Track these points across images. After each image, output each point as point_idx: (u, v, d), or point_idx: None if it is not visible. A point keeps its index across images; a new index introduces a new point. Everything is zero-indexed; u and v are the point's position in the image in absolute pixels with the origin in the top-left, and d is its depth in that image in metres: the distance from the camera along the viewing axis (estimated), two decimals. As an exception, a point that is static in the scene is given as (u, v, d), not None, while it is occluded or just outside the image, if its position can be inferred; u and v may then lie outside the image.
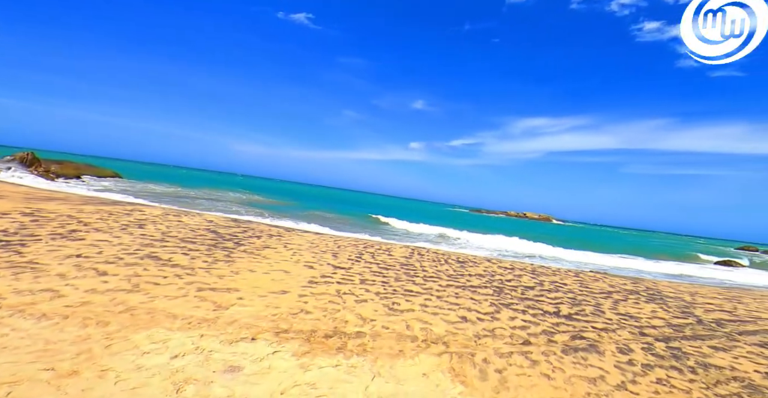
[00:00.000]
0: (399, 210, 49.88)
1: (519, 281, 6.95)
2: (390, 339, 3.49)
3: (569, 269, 10.13)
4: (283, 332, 3.23)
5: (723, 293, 7.80)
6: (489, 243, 18.56)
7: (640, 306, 5.95)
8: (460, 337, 3.75)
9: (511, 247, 17.98)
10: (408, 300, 4.74)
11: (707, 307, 6.27)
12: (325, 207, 28.63)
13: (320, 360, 2.87)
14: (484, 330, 4.04)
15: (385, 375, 2.81)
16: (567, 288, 6.83)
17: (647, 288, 7.60)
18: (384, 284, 5.35)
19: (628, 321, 4.97)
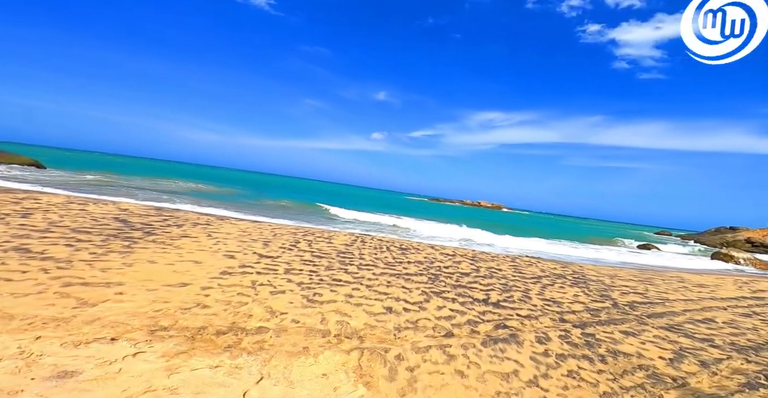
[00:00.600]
0: (357, 199, 49.40)
1: (457, 268, 6.85)
2: (297, 334, 3.08)
3: (507, 254, 10.34)
4: (161, 330, 2.70)
5: (638, 276, 8.35)
6: (441, 231, 18.75)
7: (564, 291, 6.08)
8: (378, 331, 3.44)
9: (460, 234, 18.32)
10: (333, 290, 4.35)
11: (623, 290, 6.60)
12: (277, 196, 27.28)
13: (196, 361, 2.39)
14: (407, 321, 3.77)
15: (275, 377, 2.41)
16: (501, 274, 6.85)
17: (574, 272, 7.90)
18: (312, 273, 4.91)
19: (552, 306, 4.99)
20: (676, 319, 5.00)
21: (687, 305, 5.91)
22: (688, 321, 4.95)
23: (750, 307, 6.11)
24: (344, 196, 51.04)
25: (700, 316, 5.28)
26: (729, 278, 9.61)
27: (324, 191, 56.53)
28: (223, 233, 6.62)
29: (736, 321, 5.09)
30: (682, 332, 4.39)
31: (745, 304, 6.29)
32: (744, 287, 8.29)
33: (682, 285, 7.62)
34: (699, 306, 5.86)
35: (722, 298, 6.67)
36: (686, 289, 7.26)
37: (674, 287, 7.41)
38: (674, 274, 9.40)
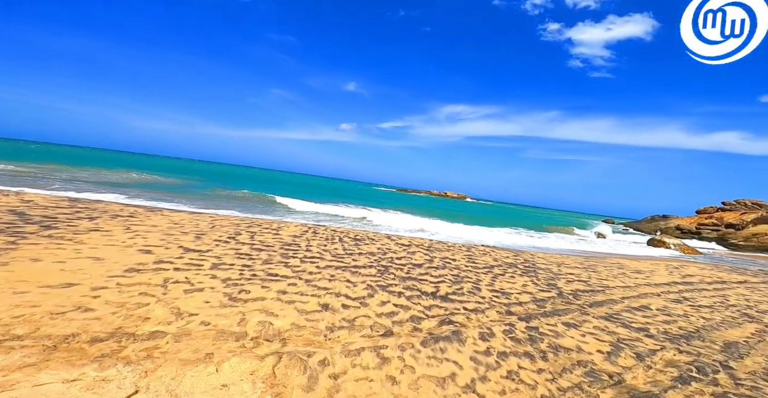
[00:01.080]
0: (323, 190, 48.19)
1: (410, 259, 6.58)
2: (203, 338, 2.61)
3: (464, 244, 10.29)
4: (12, 340, 2.12)
5: (583, 263, 8.61)
6: (403, 221, 18.59)
7: (514, 281, 6.02)
8: (307, 331, 3.03)
9: (421, 225, 18.27)
10: (265, 286, 3.87)
11: (569, 278, 6.69)
12: (236, 187, 25.54)
13: (47, 375, 1.88)
14: (343, 320, 3.40)
15: (155, 390, 1.94)
16: (455, 264, 6.68)
17: (525, 261, 7.96)
18: (245, 268, 4.38)
19: (500, 298, 4.85)
20: (615, 307, 5.06)
21: (625, 292, 6.07)
22: (626, 309, 5.02)
23: (680, 293, 6.41)
24: (310, 187, 49.68)
25: (637, 303, 5.40)
26: (662, 264, 10.23)
27: (288, 182, 54.64)
28: (147, 226, 5.84)
29: (669, 308, 5.25)
30: (620, 321, 4.40)
31: (676, 290, 6.61)
32: (674, 272, 8.83)
33: (621, 272, 7.92)
34: (636, 293, 6.04)
35: (656, 284, 6.97)
36: (625, 276, 7.54)
37: (614, 273, 7.68)
38: (615, 261, 9.84)
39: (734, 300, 6.14)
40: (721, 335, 4.33)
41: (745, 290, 7.27)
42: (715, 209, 52.36)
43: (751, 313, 5.40)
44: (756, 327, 4.73)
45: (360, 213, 18.87)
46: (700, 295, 6.35)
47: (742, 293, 6.89)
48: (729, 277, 9.02)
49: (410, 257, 6.69)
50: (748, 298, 6.41)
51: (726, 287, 7.34)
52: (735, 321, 4.91)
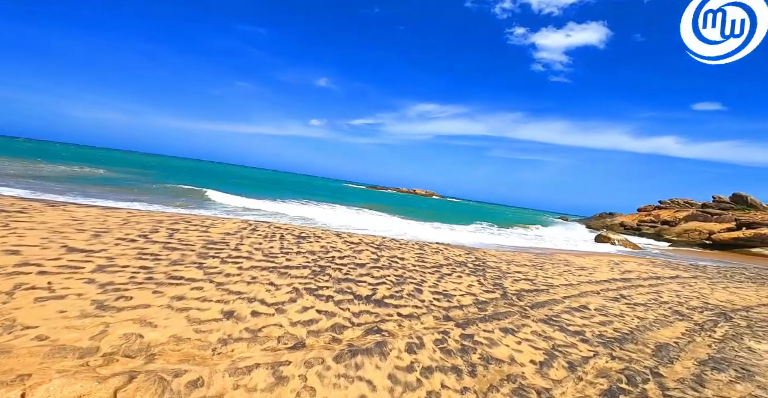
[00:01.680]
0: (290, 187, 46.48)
1: (354, 259, 6.10)
2: (29, 356, 2.02)
3: (418, 241, 9.99)
4: None
5: (532, 260, 8.60)
6: (363, 218, 18.10)
7: (461, 281, 5.74)
8: (190, 345, 2.46)
9: (384, 222, 17.88)
10: (159, 291, 3.23)
11: (516, 276, 6.54)
12: (184, 182, 23.46)
13: None
14: (246, 330, 2.85)
15: None
16: (402, 264, 6.30)
17: (476, 259, 7.77)
18: (142, 270, 3.69)
19: (441, 301, 4.50)
20: (556, 308, 4.89)
21: (567, 290, 6.00)
22: (566, 309, 4.87)
23: (618, 290, 6.46)
24: (274, 183, 47.77)
25: (577, 303, 5.30)
26: (605, 260, 10.56)
27: (251, 178, 52.13)
28: (33, 222, 4.92)
29: (606, 307, 5.19)
30: (558, 325, 4.21)
31: (614, 287, 6.67)
32: (615, 268, 9.08)
33: (566, 269, 7.96)
34: (577, 292, 5.98)
35: (597, 281, 7.03)
36: (570, 273, 7.57)
37: (560, 271, 7.69)
38: (562, 257, 9.99)
39: (667, 297, 6.27)
40: (653, 336, 4.26)
41: (677, 285, 7.54)
42: (653, 207, 56.78)
43: (682, 310, 5.48)
44: (686, 325, 4.74)
45: (319, 211, 18.16)
46: (637, 292, 6.43)
47: (674, 289, 7.11)
48: (663, 272, 9.42)
49: (355, 257, 6.21)
50: (679, 294, 6.59)
51: (660, 283, 7.57)
52: (667, 320, 4.92)
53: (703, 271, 10.74)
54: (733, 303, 6.46)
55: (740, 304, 6.36)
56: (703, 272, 10.60)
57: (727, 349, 4.03)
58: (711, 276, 9.67)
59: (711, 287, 7.76)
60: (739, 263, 16.45)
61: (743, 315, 5.52)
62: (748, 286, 8.68)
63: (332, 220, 14.80)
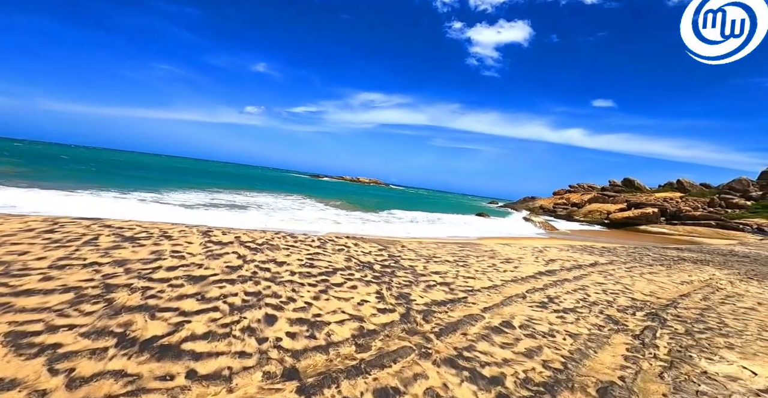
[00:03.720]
0: (219, 177, 41.23)
1: (193, 269, 4.06)
2: None
3: (323, 237, 8.16)
4: None
5: (456, 254, 7.34)
6: (288, 211, 15.75)
7: (353, 294, 4.05)
8: None
9: (305, 213, 15.72)
10: None
11: (431, 280, 5.07)
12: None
13: None
14: None
15: None
16: (274, 272, 4.41)
17: (388, 257, 6.20)
18: None
19: (297, 338, 2.73)
20: (472, 332, 3.44)
21: (490, 296, 4.67)
22: (484, 333, 3.44)
23: (545, 289, 5.36)
24: (193, 174, 42.24)
25: (499, 317, 3.94)
26: (529, 248, 9.84)
27: (165, 169, 45.57)
28: None
29: (533, 322, 3.90)
30: (470, 367, 2.71)
31: (541, 284, 5.57)
32: (540, 257, 8.25)
33: (492, 263, 6.80)
34: (501, 297, 4.68)
35: (523, 278, 5.90)
36: (495, 268, 6.38)
37: (485, 266, 6.48)
38: (489, 247, 8.97)
39: (594, 294, 5.31)
40: (592, 368, 2.99)
41: (600, 276, 6.80)
42: (564, 191, 62.33)
43: (614, 315, 4.45)
44: (625, 341, 3.62)
45: (245, 200, 15.40)
46: (564, 290, 5.38)
47: (597, 281, 6.29)
48: (582, 259, 8.89)
49: (199, 266, 4.17)
50: (605, 289, 5.72)
51: (583, 274, 6.75)
52: (602, 334, 3.77)
53: (615, 254, 10.62)
54: (657, 294, 5.75)
55: (663, 297, 5.66)
56: (616, 255, 10.45)
57: (683, 380, 2.89)
58: (624, 260, 9.41)
59: (630, 275, 7.18)
60: (639, 243, 17.58)
61: (674, 315, 4.68)
62: (659, 270, 8.44)
63: (247, 217, 12.31)
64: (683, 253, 13.46)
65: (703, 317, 4.66)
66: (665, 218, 38.90)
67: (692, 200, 47.78)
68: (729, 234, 33.92)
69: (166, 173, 36.32)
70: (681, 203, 45.40)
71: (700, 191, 51.20)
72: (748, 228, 35.91)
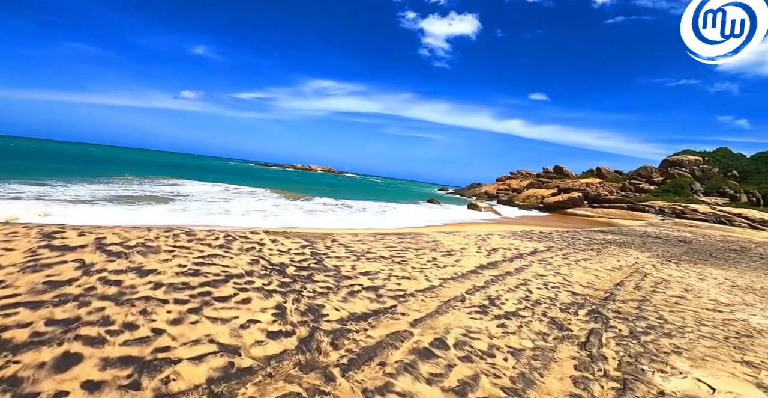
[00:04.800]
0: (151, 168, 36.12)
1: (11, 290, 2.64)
2: None
3: (234, 232, 6.85)
4: None
5: (394, 248, 6.53)
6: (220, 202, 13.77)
7: (243, 309, 2.95)
8: None
9: (237, 204, 13.92)
10: None
11: (356, 285, 4.15)
12: None
13: None
14: None
15: None
16: (137, 283, 3.12)
17: (311, 255, 5.14)
18: None
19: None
20: (392, 359, 2.57)
21: (425, 302, 3.88)
22: (409, 360, 2.59)
23: (486, 287, 4.75)
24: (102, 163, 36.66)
25: (431, 331, 3.14)
26: (473, 236, 9.46)
27: (77, 159, 39.05)
28: None
29: (470, 338, 3.17)
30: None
31: (482, 282, 4.97)
32: (482, 247, 7.82)
33: (432, 258, 6.10)
34: (437, 302, 3.92)
35: (464, 274, 5.26)
36: (434, 264, 5.67)
37: (424, 261, 5.75)
38: (432, 237, 8.34)
39: (536, 291, 4.83)
40: (540, 406, 2.30)
41: (540, 266, 6.48)
42: (506, 178, 66.07)
43: (558, 317, 3.94)
44: (572, 355, 3.03)
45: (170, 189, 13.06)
46: (505, 287, 4.82)
47: (539, 273, 5.92)
48: (522, 246, 8.69)
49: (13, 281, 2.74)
50: (546, 283, 5.30)
51: (524, 266, 6.37)
52: (548, 346, 3.16)
53: (552, 240, 10.75)
54: (594, 285, 5.49)
55: (601, 287, 5.41)
56: (552, 241, 10.57)
57: (640, 411, 2.33)
58: (560, 246, 9.45)
59: (567, 264, 7.00)
60: (570, 227, 18.63)
61: (614, 311, 4.33)
62: (591, 255, 8.52)
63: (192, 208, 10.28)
64: (608, 236, 14.36)
65: (641, 311, 4.38)
66: (588, 201, 42.85)
67: (609, 185, 53.50)
68: (638, 215, 38.48)
69: (74, 163, 30.75)
70: (600, 188, 50.53)
71: (615, 177, 57.54)
72: (652, 210, 41.09)
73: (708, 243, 15.13)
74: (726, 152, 54.31)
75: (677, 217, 38.68)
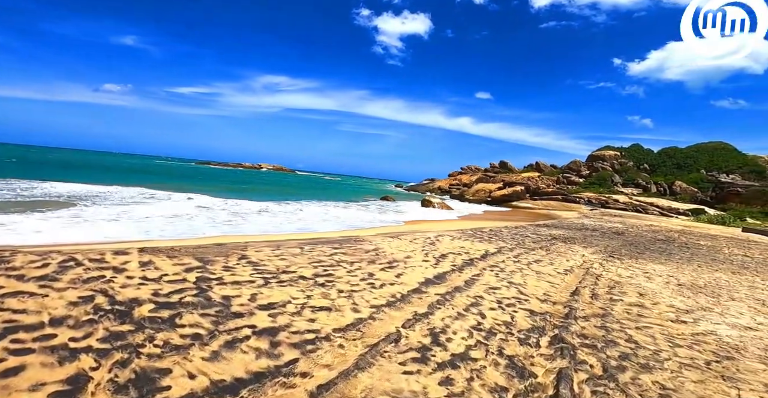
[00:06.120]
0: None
1: None
2: None
3: (83, 253, 5.15)
4: None
5: (323, 261, 5.29)
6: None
7: (3, 385, 1.52)
8: None
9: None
10: None
11: (248, 323, 2.86)
12: None
13: None
14: None
15: None
16: None
17: (199, 280, 3.72)
18: None
19: None
20: None
21: (341, 352, 2.73)
22: None
23: (429, 315, 3.74)
24: None
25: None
26: (421, 240, 8.57)
27: None
28: None
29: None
30: None
31: (425, 307, 3.96)
32: (430, 254, 6.92)
33: (369, 273, 4.97)
34: (359, 350, 2.80)
35: (405, 295, 4.22)
36: (370, 283, 4.55)
37: (357, 280, 4.60)
38: (373, 246, 7.24)
39: (490, 315, 3.94)
40: None
41: (492, 275, 5.71)
42: (457, 173, 68.14)
43: (518, 355, 3.04)
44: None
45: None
46: (453, 313, 3.86)
47: (491, 285, 5.10)
48: (473, 249, 8.00)
49: None
50: (500, 299, 4.47)
51: (475, 277, 5.54)
52: (509, 418, 2.20)
53: (502, 238, 10.31)
54: (551, 298, 4.80)
55: (559, 300, 4.73)
56: (502, 239, 10.13)
57: None
58: (511, 246, 8.96)
59: (520, 269, 6.35)
60: (517, 222, 18.88)
61: (581, 336, 3.57)
62: (541, 255, 8.09)
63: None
64: (552, 230, 14.57)
65: (608, 331, 3.68)
66: (529, 194, 45.55)
67: (546, 178, 57.65)
68: (571, 206, 41.71)
69: None
70: (539, 182, 54.21)
71: (551, 171, 62.24)
72: (582, 200, 44.90)
73: (638, 234, 16.14)
74: (638, 148, 61.21)
75: (602, 207, 42.66)
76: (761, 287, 6.55)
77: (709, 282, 6.62)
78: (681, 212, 39.29)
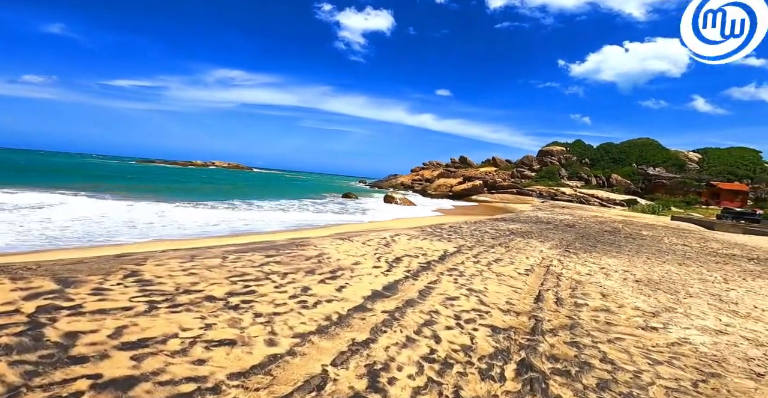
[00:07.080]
0: None
1: None
2: None
3: None
4: None
5: (247, 274, 4.29)
6: None
7: None
8: None
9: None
10: None
11: (88, 372, 1.86)
12: None
13: None
14: None
15: None
16: None
17: (40, 311, 2.58)
18: None
19: None
20: None
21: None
22: None
23: (369, 344, 2.96)
24: None
25: None
26: (375, 241, 7.80)
27: None
28: None
29: None
30: None
31: (366, 332, 3.16)
32: (383, 257, 6.16)
33: (302, 289, 4.06)
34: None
35: (342, 317, 3.39)
36: (302, 301, 3.66)
37: (285, 298, 3.68)
38: (318, 251, 6.32)
39: (446, 337, 3.24)
40: None
41: (450, 280, 5.09)
42: (420, 168, 68.76)
43: (478, 397, 2.34)
44: None
45: None
46: (401, 338, 3.11)
47: (449, 294, 4.45)
48: (431, 249, 7.40)
49: None
50: (459, 314, 3.81)
51: (431, 285, 4.87)
52: None
53: (461, 236, 9.89)
54: (514, 307, 4.24)
55: (522, 310, 4.18)
56: (462, 236, 9.70)
57: None
58: (470, 244, 8.52)
59: (480, 272, 5.81)
60: (476, 217, 18.91)
61: (551, 358, 2.99)
62: (501, 253, 7.70)
63: None
64: (510, 225, 14.61)
65: (579, 350, 3.15)
66: (487, 188, 47.14)
67: (502, 173, 60.29)
68: (525, 199, 43.89)
69: None
70: (496, 176, 56.44)
71: (506, 166, 65.25)
72: (534, 193, 47.48)
73: (587, 226, 16.82)
74: (580, 144, 66.08)
75: (552, 199, 45.39)
76: (710, 280, 6.67)
77: (662, 277, 6.61)
78: (617, 203, 42.99)
